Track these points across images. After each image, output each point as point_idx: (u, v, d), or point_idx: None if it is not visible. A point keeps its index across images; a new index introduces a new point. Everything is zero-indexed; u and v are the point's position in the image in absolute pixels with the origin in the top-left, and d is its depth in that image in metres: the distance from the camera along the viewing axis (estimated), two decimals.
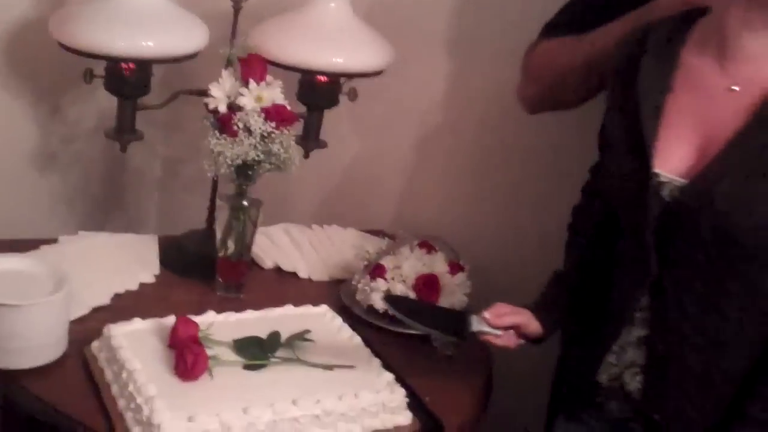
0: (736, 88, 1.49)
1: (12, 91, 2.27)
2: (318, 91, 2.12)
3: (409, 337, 1.91)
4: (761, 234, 1.44)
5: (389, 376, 1.70)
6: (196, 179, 2.41)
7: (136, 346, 1.65)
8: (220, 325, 1.75)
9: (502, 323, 1.68)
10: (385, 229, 2.40)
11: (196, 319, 1.72)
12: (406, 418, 1.67)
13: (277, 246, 2.24)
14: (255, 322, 1.81)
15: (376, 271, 2.01)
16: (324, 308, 1.91)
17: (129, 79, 1.93)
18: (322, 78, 2.09)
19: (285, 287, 2.12)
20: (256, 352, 1.70)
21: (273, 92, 1.89)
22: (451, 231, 2.28)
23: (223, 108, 1.87)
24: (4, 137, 2.27)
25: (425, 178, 2.54)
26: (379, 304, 1.95)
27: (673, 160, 1.53)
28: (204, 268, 2.02)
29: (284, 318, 1.84)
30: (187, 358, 1.60)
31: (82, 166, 2.45)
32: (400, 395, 1.67)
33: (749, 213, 1.44)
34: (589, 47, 1.87)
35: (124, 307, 1.88)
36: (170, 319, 1.72)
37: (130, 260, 2.07)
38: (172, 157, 2.63)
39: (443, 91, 2.48)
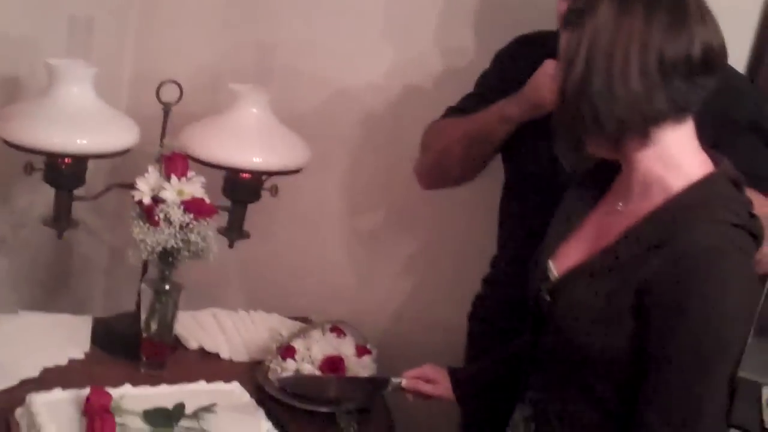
0: (620, 206, 1.59)
1: None
2: (241, 187, 2.28)
3: (318, 415, 2.04)
4: (589, 342, 1.52)
5: None
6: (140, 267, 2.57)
7: (53, 414, 1.80)
8: (133, 397, 1.88)
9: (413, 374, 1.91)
10: (306, 315, 2.52)
11: (111, 390, 1.87)
12: None
13: (203, 328, 2.37)
14: (167, 395, 1.93)
15: (286, 351, 2.16)
16: (234, 385, 2.05)
17: (65, 172, 2.09)
18: (245, 175, 2.26)
19: (206, 366, 2.22)
20: (162, 421, 1.83)
21: (193, 187, 2.05)
22: (366, 318, 2.44)
23: (147, 200, 2.03)
24: None
25: (343, 268, 2.70)
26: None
27: (566, 260, 1.64)
28: (130, 347, 2.16)
29: (195, 392, 1.97)
30: (95, 425, 1.75)
31: (30, 252, 2.60)
32: None
33: (576, 320, 1.54)
34: (469, 122, 2.13)
35: (51, 379, 2.00)
36: (88, 390, 1.85)
37: (62, 337, 2.20)
38: (118, 245, 2.78)
39: (361, 187, 2.67)
